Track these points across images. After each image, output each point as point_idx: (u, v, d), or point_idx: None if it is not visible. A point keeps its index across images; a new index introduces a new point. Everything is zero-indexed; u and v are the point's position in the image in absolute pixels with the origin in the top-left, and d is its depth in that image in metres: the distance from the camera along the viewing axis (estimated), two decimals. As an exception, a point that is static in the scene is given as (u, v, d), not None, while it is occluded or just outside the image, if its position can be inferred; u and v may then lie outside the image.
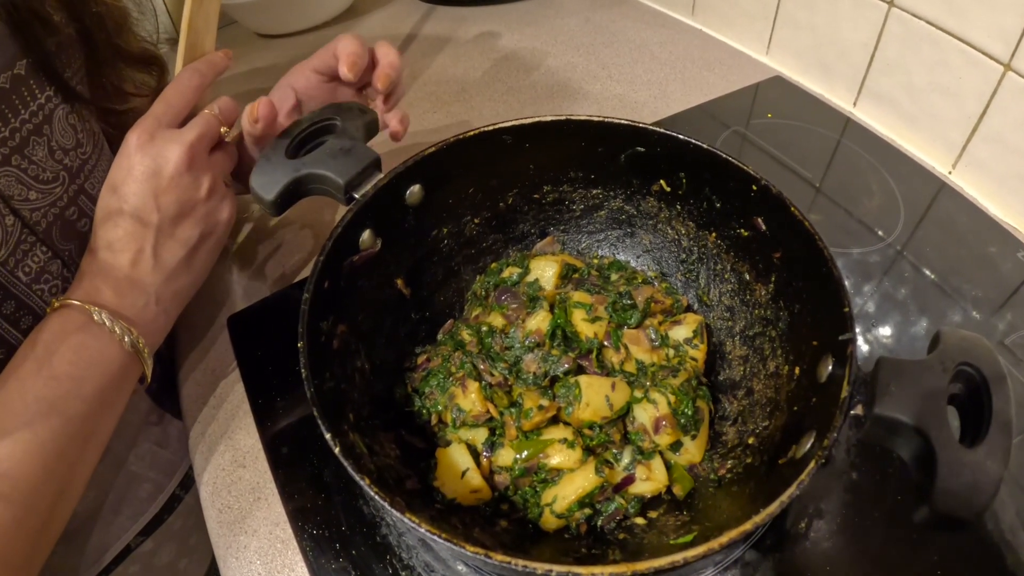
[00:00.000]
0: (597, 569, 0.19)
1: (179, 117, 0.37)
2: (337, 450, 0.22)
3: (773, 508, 0.20)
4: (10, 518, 0.28)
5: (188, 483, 0.47)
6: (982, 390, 0.24)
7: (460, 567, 0.28)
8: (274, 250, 0.48)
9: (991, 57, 0.47)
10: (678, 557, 0.19)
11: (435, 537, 0.20)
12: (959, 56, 0.49)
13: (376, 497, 0.20)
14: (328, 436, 0.22)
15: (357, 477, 0.21)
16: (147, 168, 0.35)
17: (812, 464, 0.22)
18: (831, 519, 0.30)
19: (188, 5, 0.41)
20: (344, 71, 0.37)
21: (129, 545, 0.44)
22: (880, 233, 0.47)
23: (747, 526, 0.20)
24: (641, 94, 0.61)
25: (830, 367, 0.26)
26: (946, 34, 0.50)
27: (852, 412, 0.24)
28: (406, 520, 0.20)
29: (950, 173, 0.54)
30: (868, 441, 0.25)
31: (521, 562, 0.19)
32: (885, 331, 0.41)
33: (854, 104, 0.60)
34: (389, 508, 0.20)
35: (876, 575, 0.29)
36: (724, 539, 0.20)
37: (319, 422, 0.23)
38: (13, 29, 0.32)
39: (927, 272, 0.45)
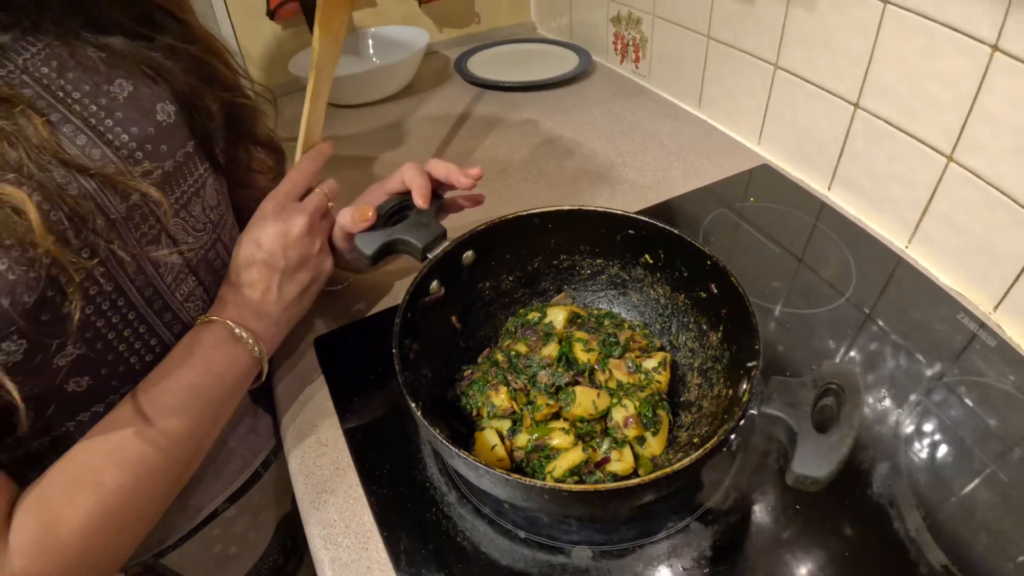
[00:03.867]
0: (576, 487, 0.35)
1: (301, 193, 0.55)
2: (419, 413, 0.38)
3: (684, 463, 0.36)
4: (162, 464, 0.43)
5: (267, 463, 0.63)
6: (841, 399, 0.39)
7: (485, 509, 0.43)
8: (348, 292, 0.66)
9: (936, 150, 0.63)
10: (622, 484, 0.35)
11: (477, 463, 0.35)
12: (911, 150, 0.66)
13: (442, 440, 0.36)
14: (412, 405, 0.39)
15: (432, 428, 0.37)
16: (279, 229, 0.52)
17: (715, 439, 0.37)
18: (743, 488, 0.45)
19: (306, 109, 0.60)
20: (419, 203, 0.52)
21: (217, 509, 0.59)
22: (840, 295, 0.63)
23: (666, 471, 0.35)
24: (648, 179, 0.80)
25: (744, 385, 0.41)
26: (900, 131, 0.66)
27: (750, 412, 0.39)
28: (464, 456, 0.36)
29: (907, 247, 0.70)
30: (761, 430, 0.40)
31: (524, 479, 0.35)
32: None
33: (828, 188, 0.77)
34: (449, 445, 0.36)
35: (775, 523, 0.43)
36: (648, 478, 0.35)
37: (407, 398, 0.39)
38: (187, 117, 0.49)
39: (882, 328, 0.60)
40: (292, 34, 1.18)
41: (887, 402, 0.53)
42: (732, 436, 0.38)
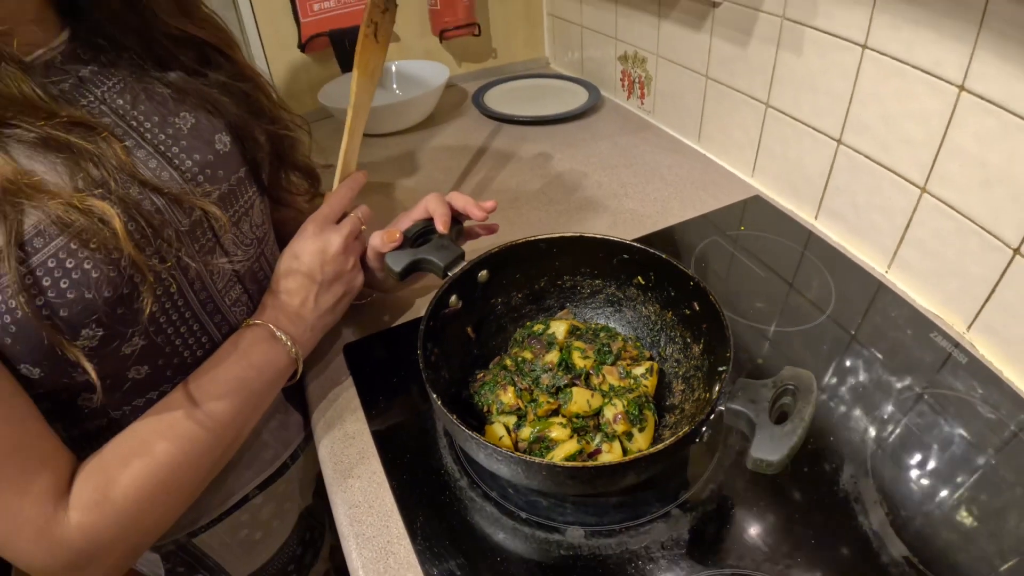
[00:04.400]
0: (568, 464, 0.43)
1: (338, 216, 0.64)
2: (439, 403, 0.46)
3: (658, 447, 0.44)
4: (206, 442, 0.52)
5: (295, 456, 0.72)
6: (796, 398, 0.46)
7: (492, 493, 0.51)
8: (375, 305, 0.75)
9: (911, 182, 0.71)
10: (606, 463, 0.43)
11: (487, 443, 0.44)
12: (889, 182, 0.73)
13: (458, 424, 0.45)
14: (433, 396, 0.47)
15: (449, 415, 0.45)
16: (318, 247, 0.61)
17: (686, 429, 0.45)
18: (719, 482, 0.53)
19: (344, 143, 0.70)
20: (440, 228, 0.62)
21: (248, 495, 0.68)
22: (821, 313, 0.71)
23: (644, 454, 0.43)
24: (648, 209, 0.88)
25: (716, 387, 0.49)
26: (879, 165, 0.74)
27: (719, 408, 0.47)
28: (473, 436, 0.44)
29: (887, 272, 0.77)
30: (728, 424, 0.48)
31: (525, 456, 0.43)
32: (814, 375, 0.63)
33: (815, 217, 0.85)
34: (463, 428, 0.44)
35: (746, 513, 0.51)
36: (628, 459, 0.43)
37: (429, 390, 0.48)
38: (240, 146, 0.59)
39: (860, 345, 0.67)
40: (321, 66, 1.30)
41: (858, 410, 0.60)
42: (703, 428, 0.46)
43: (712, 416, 0.46)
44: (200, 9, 0.62)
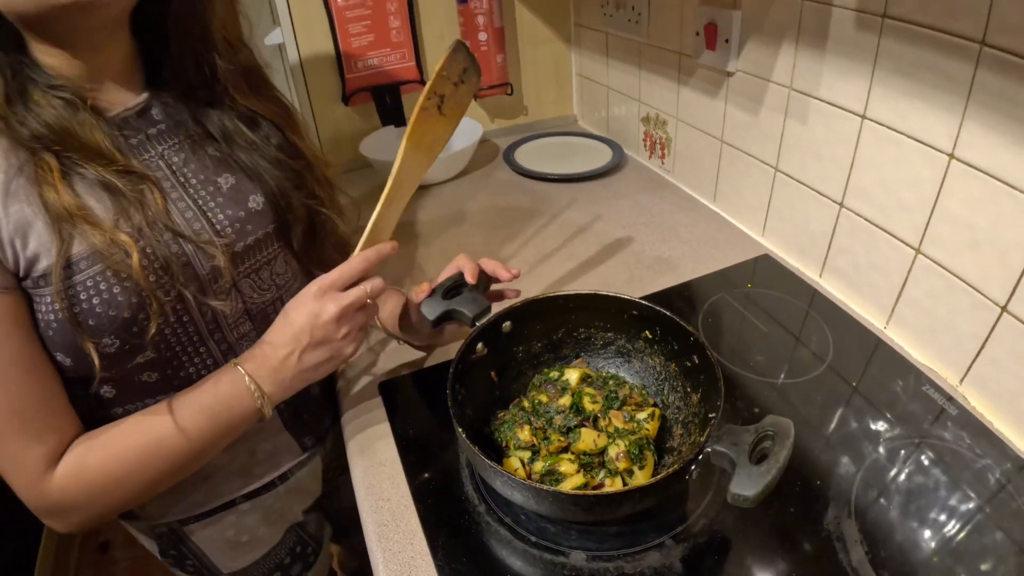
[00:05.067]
0: (571, 491, 0.52)
1: (347, 284, 0.66)
2: (464, 436, 0.57)
3: (650, 481, 0.53)
4: (172, 449, 0.62)
5: (285, 478, 0.83)
6: (774, 442, 0.55)
7: (507, 519, 0.61)
8: (409, 349, 0.86)
9: (906, 244, 0.79)
10: (604, 492, 0.52)
11: (504, 473, 0.53)
12: (886, 243, 0.82)
13: (479, 454, 0.55)
14: (458, 430, 0.57)
15: (472, 447, 0.56)
16: (312, 311, 0.64)
17: (675, 467, 0.54)
18: (711, 518, 0.62)
19: (377, 209, 0.78)
20: (468, 279, 0.72)
21: (235, 500, 0.79)
22: (820, 366, 0.79)
23: (636, 486, 0.52)
24: (664, 266, 0.99)
25: (707, 431, 0.58)
26: (877, 227, 0.83)
27: (706, 449, 0.56)
28: (492, 465, 0.54)
29: (885, 328, 0.85)
30: (714, 463, 0.56)
31: (535, 483, 0.53)
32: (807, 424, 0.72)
33: (820, 276, 0.94)
34: (484, 459, 0.54)
35: (734, 546, 0.59)
36: (624, 490, 0.52)
37: (455, 425, 0.58)
38: (273, 208, 0.71)
39: (856, 395, 0.75)
40: (363, 118, 1.46)
41: (846, 457, 0.68)
42: (692, 467, 0.56)
43: (700, 457, 0.55)
44: (270, 90, 0.77)
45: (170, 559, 0.82)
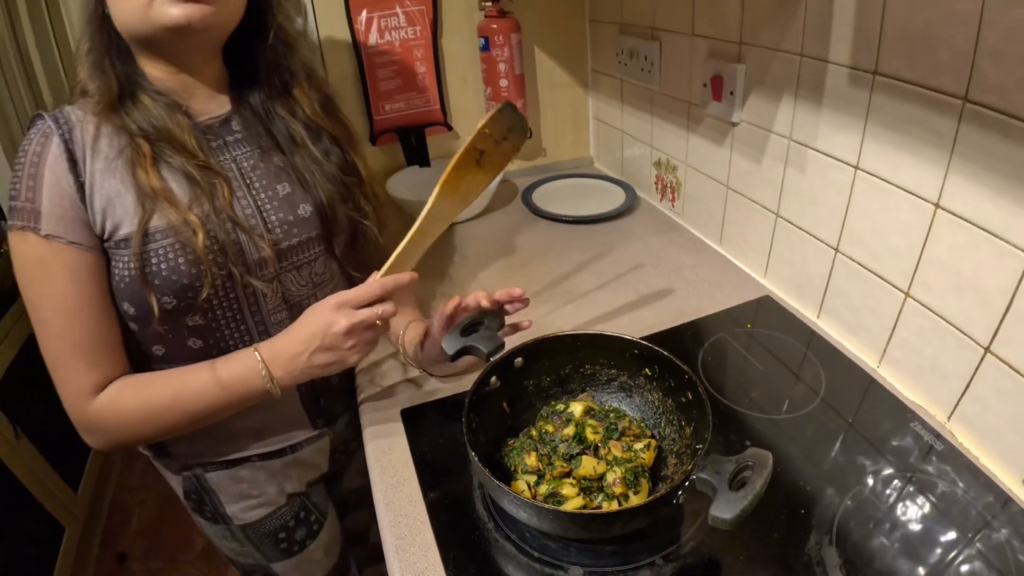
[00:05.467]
0: (568, 510, 0.60)
1: (363, 303, 0.75)
2: (476, 460, 0.65)
3: (639, 503, 0.61)
4: (191, 403, 0.77)
5: (296, 448, 0.97)
6: (753, 472, 0.62)
7: (512, 536, 0.69)
8: (429, 379, 0.95)
9: (896, 287, 0.85)
10: (597, 512, 0.60)
11: (512, 494, 0.62)
12: (878, 287, 0.89)
13: (489, 476, 0.63)
14: (472, 454, 0.66)
15: (484, 470, 0.64)
16: (325, 321, 0.74)
17: (662, 491, 0.62)
18: (699, 540, 0.69)
19: (404, 242, 0.83)
20: (484, 303, 0.82)
21: (248, 457, 0.93)
22: (812, 403, 0.86)
23: (625, 507, 0.60)
24: (669, 306, 1.07)
25: (694, 460, 0.66)
26: (869, 272, 0.90)
27: (692, 477, 0.63)
28: (500, 486, 0.62)
29: (878, 367, 0.92)
30: (699, 489, 0.64)
31: (537, 502, 0.61)
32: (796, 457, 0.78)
33: (818, 317, 1.02)
34: (493, 480, 0.63)
35: (721, 567, 0.66)
36: (615, 510, 0.60)
37: (469, 450, 0.67)
38: (319, 216, 0.85)
39: (845, 430, 0.82)
40: (389, 157, 1.58)
41: (831, 488, 0.75)
42: (679, 492, 0.63)
43: (686, 483, 0.63)
44: (340, 112, 0.94)
45: (192, 503, 0.96)
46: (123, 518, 2.22)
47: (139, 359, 0.82)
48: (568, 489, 0.69)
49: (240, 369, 0.78)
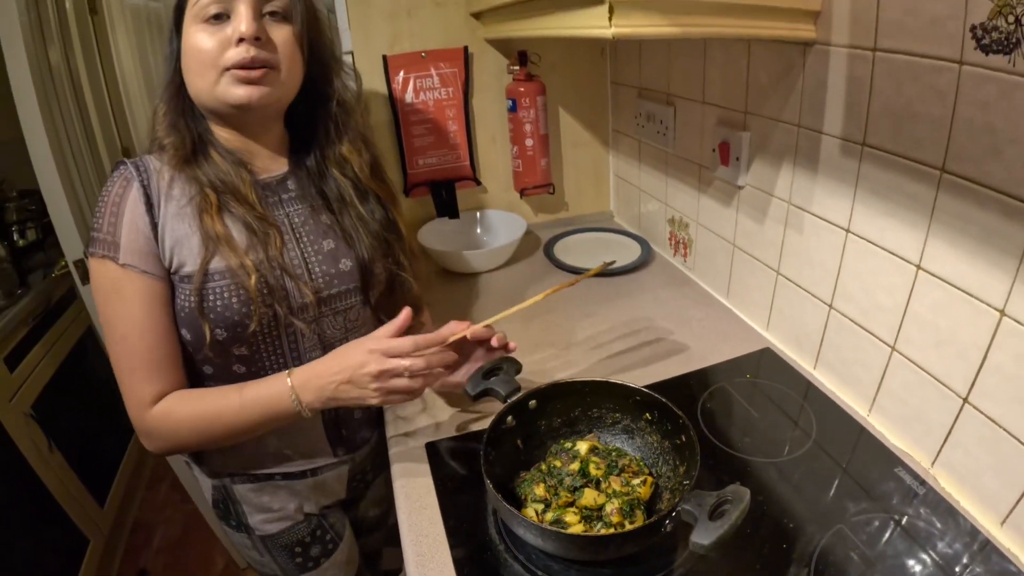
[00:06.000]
0: (566, 532, 0.72)
1: (402, 353, 0.86)
2: (492, 488, 0.78)
3: (628, 530, 0.72)
4: (228, 418, 0.90)
5: (316, 471, 1.10)
6: (732, 505, 0.73)
7: (520, 556, 0.80)
8: (452, 418, 1.08)
9: (884, 342, 0.95)
10: (592, 534, 0.72)
11: (523, 518, 0.74)
12: (868, 341, 0.98)
13: (502, 501, 0.75)
14: (487, 482, 0.78)
15: (497, 496, 0.76)
16: (360, 360, 0.86)
17: (652, 520, 0.73)
18: (689, 565, 0.79)
19: (495, 318, 1.04)
20: (494, 344, 0.97)
21: (272, 475, 1.06)
22: (802, 448, 0.96)
23: (615, 532, 0.72)
24: (675, 357, 1.19)
25: (681, 495, 0.77)
26: (859, 327, 1.00)
27: (679, 508, 0.74)
28: (512, 510, 0.74)
29: (868, 416, 1.01)
30: (683, 519, 0.75)
31: (541, 524, 0.73)
32: (784, 497, 0.88)
33: (814, 368, 1.12)
34: (507, 505, 0.75)
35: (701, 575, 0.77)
36: (606, 534, 0.72)
37: (485, 479, 0.79)
38: (359, 269, 1.00)
39: (833, 474, 0.91)
40: (422, 208, 1.74)
41: (813, 526, 0.84)
42: (666, 521, 0.74)
43: (673, 514, 0.75)
44: (385, 173, 1.09)
45: (219, 510, 1.10)
46: (146, 535, 2.35)
47: (193, 377, 0.95)
48: (571, 517, 0.81)
49: (273, 392, 0.89)
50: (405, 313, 0.92)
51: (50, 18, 1.96)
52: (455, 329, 0.98)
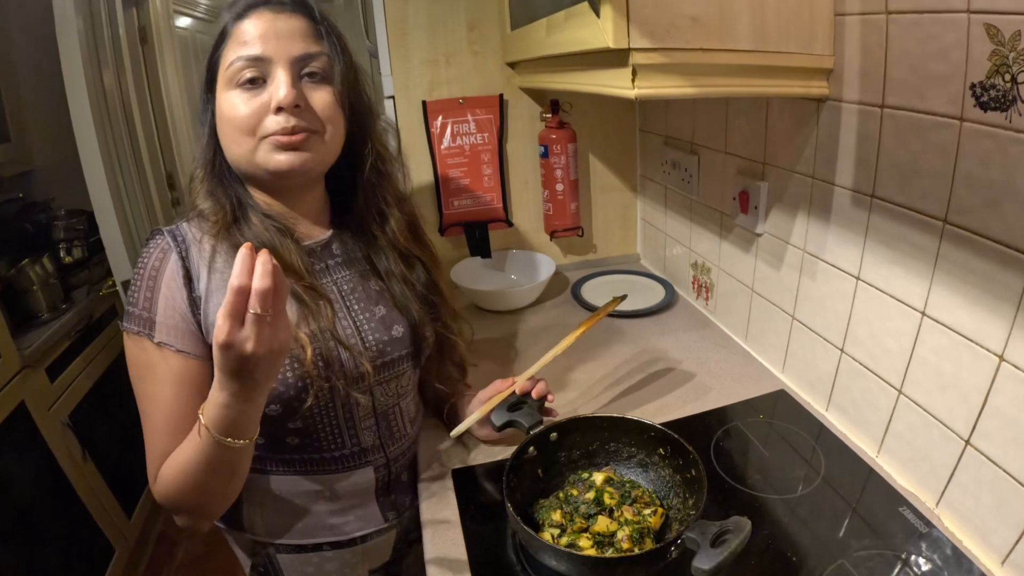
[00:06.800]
0: (577, 553, 0.82)
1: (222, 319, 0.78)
2: (512, 512, 0.88)
3: (635, 554, 0.82)
4: (193, 475, 0.81)
5: (366, 538, 1.11)
6: (733, 535, 0.82)
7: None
8: (478, 449, 1.19)
9: (891, 385, 1.01)
10: (600, 557, 0.82)
11: (541, 540, 0.84)
12: (876, 384, 1.05)
13: (523, 525, 0.86)
14: (508, 506, 0.89)
15: (517, 518, 0.87)
16: (216, 362, 0.72)
17: (657, 545, 0.83)
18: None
19: (542, 360, 1.17)
20: (518, 391, 1.08)
21: (320, 544, 1.06)
22: (810, 487, 1.04)
23: (621, 556, 0.82)
24: (691, 396, 1.28)
25: (686, 524, 0.87)
26: (868, 370, 1.06)
27: (684, 535, 0.84)
28: (530, 532, 0.85)
29: (876, 457, 1.07)
30: (687, 546, 0.84)
31: (556, 545, 0.83)
32: (789, 531, 0.96)
33: (827, 410, 1.20)
34: (526, 528, 0.85)
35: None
36: (612, 556, 0.82)
37: (507, 504, 0.90)
38: (411, 335, 1.05)
39: (839, 515, 0.99)
40: (455, 248, 1.86)
41: (813, 560, 0.92)
42: (671, 547, 0.84)
43: (678, 541, 0.84)
44: (424, 234, 1.12)
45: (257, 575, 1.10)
46: (169, 549, 2.46)
47: None
48: (584, 541, 0.91)
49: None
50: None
51: (106, 45, 2.13)
52: (501, 388, 1.09)
